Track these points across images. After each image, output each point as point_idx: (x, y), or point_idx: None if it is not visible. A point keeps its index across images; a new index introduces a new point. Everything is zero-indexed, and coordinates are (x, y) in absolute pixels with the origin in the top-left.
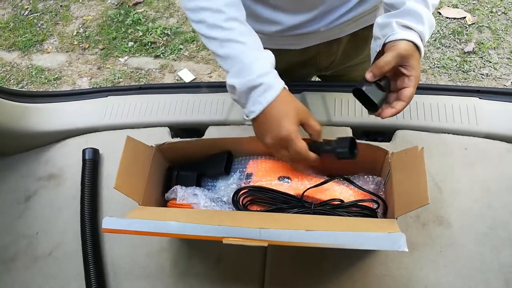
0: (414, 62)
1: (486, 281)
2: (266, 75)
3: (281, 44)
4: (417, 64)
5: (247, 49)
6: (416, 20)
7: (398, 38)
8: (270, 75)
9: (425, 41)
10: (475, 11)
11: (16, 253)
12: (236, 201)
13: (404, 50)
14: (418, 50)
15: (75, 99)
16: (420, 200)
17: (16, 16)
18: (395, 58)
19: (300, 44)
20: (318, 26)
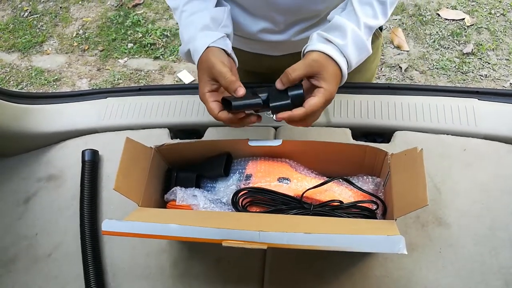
0: (326, 74)
1: (486, 282)
2: (192, 41)
3: (258, 49)
4: (329, 77)
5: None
6: (338, 33)
7: (312, 49)
8: (195, 40)
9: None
10: (474, 12)
11: (16, 254)
12: (236, 202)
13: (313, 61)
14: (336, 64)
15: (74, 101)
16: (419, 202)
17: (15, 17)
18: (304, 66)
19: (274, 51)
20: (287, 36)
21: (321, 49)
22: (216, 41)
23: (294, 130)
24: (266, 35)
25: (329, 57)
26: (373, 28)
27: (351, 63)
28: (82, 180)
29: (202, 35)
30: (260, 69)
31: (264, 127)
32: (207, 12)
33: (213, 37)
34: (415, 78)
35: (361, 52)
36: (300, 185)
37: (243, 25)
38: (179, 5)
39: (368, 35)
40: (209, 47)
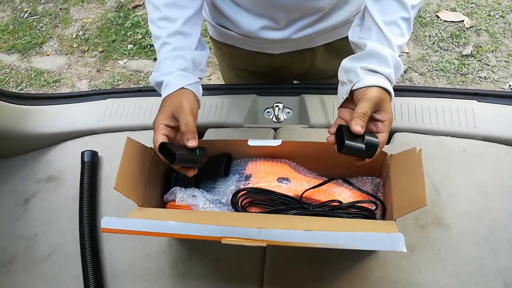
0: (387, 106)
1: (485, 283)
2: (168, 74)
3: (257, 46)
4: (389, 108)
5: (166, 49)
6: (381, 62)
7: (366, 85)
8: (171, 75)
9: (393, 82)
10: (473, 14)
11: (14, 255)
12: (235, 202)
13: (376, 98)
14: (388, 93)
15: (74, 102)
16: (418, 202)
17: (15, 18)
18: (370, 107)
19: (273, 49)
20: (288, 34)
21: (377, 83)
22: (191, 85)
23: (293, 131)
24: (266, 32)
25: (384, 89)
26: (403, 45)
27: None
28: (82, 181)
29: (180, 74)
30: (258, 68)
31: (264, 128)
32: (189, 53)
33: (189, 80)
34: (415, 79)
35: (399, 73)
36: (300, 185)
37: (243, 23)
38: (161, 36)
39: (399, 52)
40: (183, 88)
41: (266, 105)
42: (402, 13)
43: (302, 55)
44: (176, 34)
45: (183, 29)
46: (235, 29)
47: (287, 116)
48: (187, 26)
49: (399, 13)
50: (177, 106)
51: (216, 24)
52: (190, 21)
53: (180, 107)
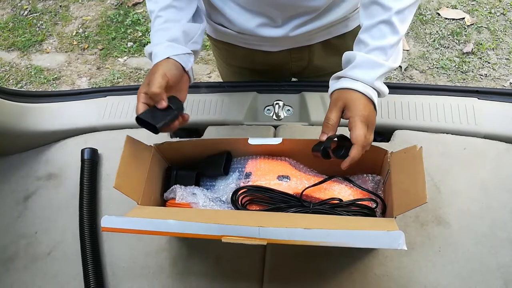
0: (350, 104)
1: (485, 281)
2: (157, 45)
3: (254, 44)
4: (353, 104)
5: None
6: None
7: (329, 92)
8: (160, 46)
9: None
10: (474, 12)
11: (15, 253)
12: (235, 200)
13: (336, 100)
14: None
15: (74, 99)
16: (418, 200)
17: (15, 16)
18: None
19: (270, 47)
20: (284, 31)
21: (334, 88)
22: (178, 55)
23: (293, 129)
24: (263, 30)
25: (344, 89)
26: (386, 47)
27: (368, 81)
28: (82, 179)
29: (168, 45)
30: (256, 66)
31: (264, 126)
32: (181, 25)
33: (176, 51)
34: (415, 77)
35: (376, 70)
36: (300, 183)
37: (239, 21)
38: (155, 9)
39: (382, 54)
40: (169, 57)
41: (266, 102)
42: (382, 17)
43: (300, 53)
44: (169, 8)
45: (176, 3)
46: (232, 27)
47: (287, 113)
48: (181, 0)
49: (381, 16)
50: (152, 73)
51: (213, 22)
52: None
53: (153, 73)
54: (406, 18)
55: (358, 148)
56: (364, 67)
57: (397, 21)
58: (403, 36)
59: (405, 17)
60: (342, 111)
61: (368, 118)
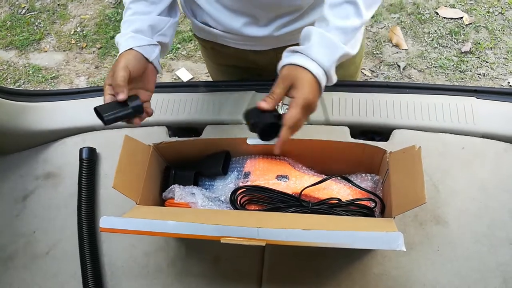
0: (297, 83)
1: (484, 280)
2: (122, 36)
3: (241, 44)
4: (300, 85)
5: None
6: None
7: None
8: (124, 37)
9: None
10: (472, 11)
11: (14, 252)
12: (234, 200)
13: (284, 75)
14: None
15: (72, 98)
16: (417, 200)
17: (13, 14)
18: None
19: (255, 46)
20: (269, 31)
21: (287, 62)
22: (141, 46)
23: None
24: (248, 29)
25: (297, 65)
26: (347, 28)
27: (323, 63)
28: (80, 178)
29: (131, 36)
30: (242, 64)
31: None
32: (148, 18)
33: (139, 42)
34: (414, 76)
35: (333, 51)
36: (299, 183)
37: (225, 21)
38: (126, 1)
39: (343, 35)
40: (132, 48)
41: None
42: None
43: None
44: (140, 0)
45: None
46: (217, 26)
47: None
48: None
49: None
50: (115, 65)
51: (198, 21)
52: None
53: (116, 65)
54: (371, 5)
55: (287, 130)
56: (322, 46)
57: (363, 4)
58: (365, 23)
59: (371, 3)
60: (288, 88)
61: (310, 103)
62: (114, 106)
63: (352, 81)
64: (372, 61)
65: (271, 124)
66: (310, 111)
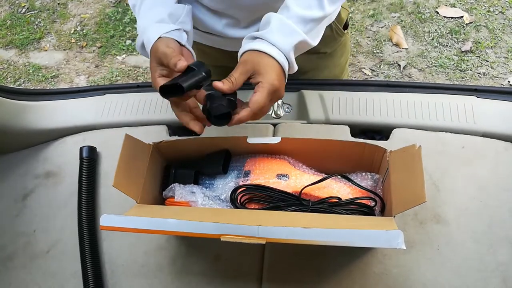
0: (261, 68)
1: (484, 279)
2: (146, 32)
3: (225, 45)
4: (264, 70)
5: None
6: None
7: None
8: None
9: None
10: (473, 10)
11: (14, 251)
12: (234, 199)
13: (244, 61)
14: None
15: (72, 97)
16: (417, 199)
17: (13, 13)
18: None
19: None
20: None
21: (247, 48)
22: (169, 32)
23: (292, 127)
24: (229, 31)
25: (258, 51)
26: (308, 18)
27: (283, 48)
28: (80, 177)
29: (156, 26)
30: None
31: (263, 124)
32: (165, 8)
33: (166, 29)
34: (414, 75)
35: (292, 36)
36: (299, 181)
37: (208, 23)
38: (137, 1)
39: (302, 24)
40: (161, 37)
41: None
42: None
43: None
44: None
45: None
46: (200, 27)
47: (286, 111)
48: None
49: None
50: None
51: None
52: None
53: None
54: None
55: (250, 113)
56: (282, 32)
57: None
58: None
59: None
60: (250, 75)
61: (276, 89)
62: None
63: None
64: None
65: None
66: (276, 97)
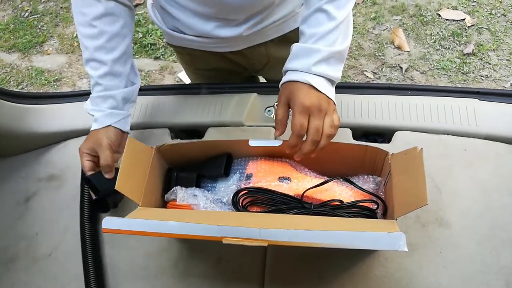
0: (291, 95)
1: (486, 282)
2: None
3: (211, 46)
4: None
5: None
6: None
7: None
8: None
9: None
10: (475, 13)
11: (16, 254)
12: (236, 202)
13: (282, 95)
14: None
15: (75, 101)
16: (419, 201)
17: (16, 17)
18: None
19: (227, 48)
20: (240, 31)
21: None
22: (117, 122)
23: None
24: (219, 31)
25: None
26: (323, 33)
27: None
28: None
29: (108, 113)
30: (220, 66)
31: (264, 127)
32: (119, 93)
33: (116, 118)
34: (416, 78)
35: (311, 56)
36: (301, 184)
37: (196, 26)
38: (94, 76)
39: (322, 40)
40: (109, 126)
41: (267, 103)
42: (316, 5)
43: (257, 50)
44: (107, 75)
45: (113, 69)
46: (188, 31)
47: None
48: (116, 66)
49: (315, 5)
50: (97, 142)
51: (170, 30)
52: (119, 62)
53: (100, 144)
54: (342, 5)
55: (293, 137)
56: (300, 56)
57: (332, 8)
58: (344, 20)
59: (341, 4)
60: (288, 106)
61: (309, 106)
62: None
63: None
64: (374, 63)
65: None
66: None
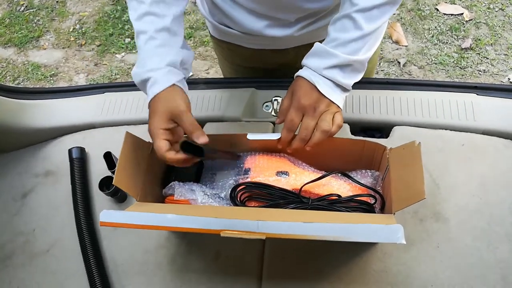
0: (295, 90)
1: (483, 276)
2: (156, 70)
3: (260, 44)
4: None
5: (152, 44)
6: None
7: None
8: (159, 71)
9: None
10: (473, 7)
11: (13, 250)
12: (234, 197)
13: (290, 89)
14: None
15: (71, 96)
16: (417, 196)
17: (11, 12)
18: (286, 95)
19: (275, 46)
20: (291, 31)
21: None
22: (180, 81)
23: None
24: (270, 30)
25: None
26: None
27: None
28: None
29: (169, 70)
30: (260, 65)
31: (262, 122)
32: (178, 51)
33: (178, 76)
34: (414, 73)
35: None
36: (299, 179)
37: (246, 23)
38: (148, 30)
39: (342, 46)
40: (174, 84)
41: (265, 99)
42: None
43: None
44: (164, 31)
45: (172, 26)
46: (237, 28)
47: None
48: (175, 24)
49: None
50: (174, 108)
51: (216, 22)
52: (178, 20)
53: (178, 109)
54: (373, 17)
55: (283, 130)
56: (316, 56)
57: (361, 18)
58: (372, 33)
59: (373, 16)
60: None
61: (305, 106)
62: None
63: None
64: None
65: None
66: (310, 111)
